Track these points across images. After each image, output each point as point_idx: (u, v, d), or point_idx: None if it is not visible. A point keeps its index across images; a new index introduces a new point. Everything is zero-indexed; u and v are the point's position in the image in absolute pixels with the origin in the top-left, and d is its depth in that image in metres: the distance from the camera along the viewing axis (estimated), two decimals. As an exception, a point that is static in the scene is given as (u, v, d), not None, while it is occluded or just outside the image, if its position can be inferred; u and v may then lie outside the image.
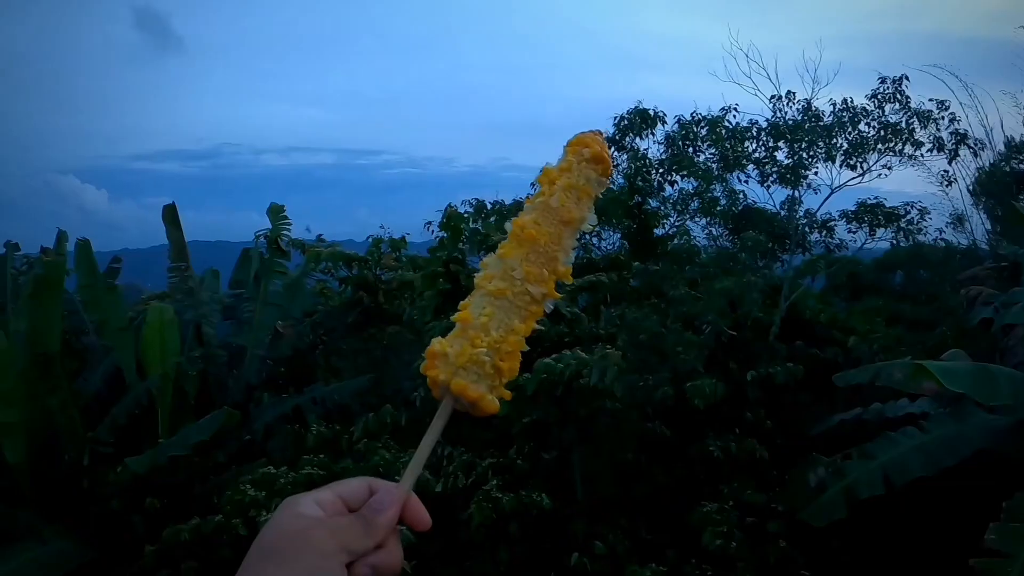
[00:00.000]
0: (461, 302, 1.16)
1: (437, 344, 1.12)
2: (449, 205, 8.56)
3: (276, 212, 11.01)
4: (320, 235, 11.16)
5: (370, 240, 10.35)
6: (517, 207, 13.31)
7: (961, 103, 13.28)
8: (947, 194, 13.78)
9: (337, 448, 8.26)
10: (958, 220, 15.75)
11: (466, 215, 9.42)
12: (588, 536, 7.50)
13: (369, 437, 8.11)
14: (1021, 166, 17.14)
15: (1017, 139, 17.28)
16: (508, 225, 1.16)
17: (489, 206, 10.52)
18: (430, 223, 8.53)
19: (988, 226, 16.95)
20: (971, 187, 16.70)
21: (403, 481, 1.07)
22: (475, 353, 1.10)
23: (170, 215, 11.64)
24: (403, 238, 10.36)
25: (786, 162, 11.33)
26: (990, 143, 16.15)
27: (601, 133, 1.24)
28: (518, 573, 7.42)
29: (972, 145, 13.18)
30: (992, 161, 16.60)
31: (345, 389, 9.29)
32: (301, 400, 9.39)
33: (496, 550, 7.43)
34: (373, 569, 1.00)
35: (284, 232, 10.83)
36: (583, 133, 1.21)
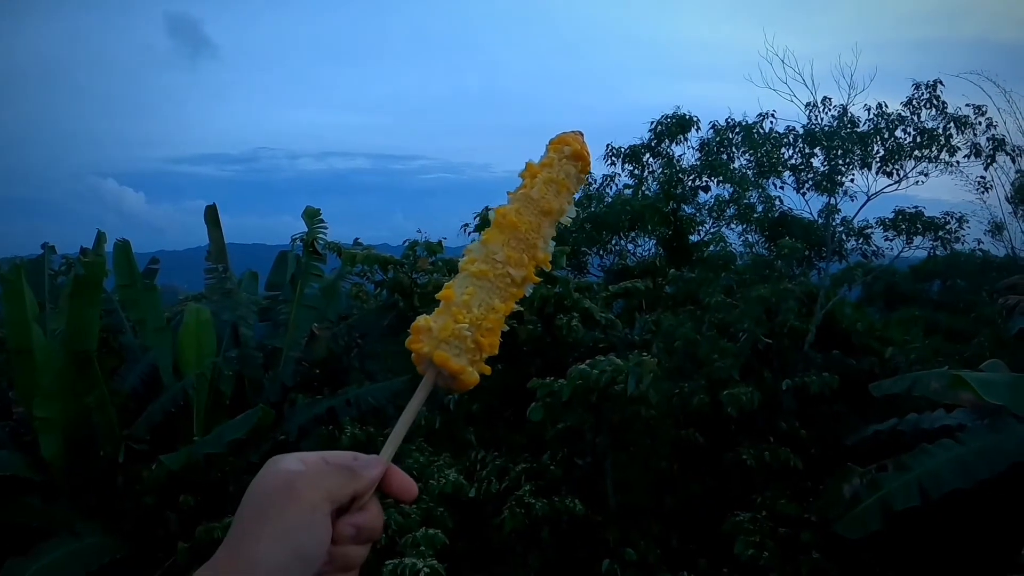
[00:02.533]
0: (445, 283, 1.22)
1: (422, 320, 1.18)
2: (485, 208, 8.55)
3: (312, 216, 11.09)
4: (357, 239, 11.25)
5: (405, 244, 10.39)
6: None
7: (999, 109, 13.07)
8: (984, 201, 13.55)
9: (371, 450, 8.25)
10: (996, 228, 15.52)
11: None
12: (619, 543, 7.49)
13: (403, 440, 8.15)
14: (1057, 171, 16.86)
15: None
16: (491, 214, 1.23)
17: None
18: (466, 225, 8.57)
19: (1027, 233, 16.69)
20: (1009, 195, 16.47)
21: (384, 451, 1.10)
22: (457, 328, 1.15)
23: (211, 216, 11.79)
24: (439, 242, 10.37)
25: (822, 169, 11.24)
26: (1029, 148, 15.90)
27: (582, 133, 1.32)
28: (550, 578, 7.45)
29: (1010, 151, 12.98)
30: (1029, 166, 16.33)
31: (379, 391, 9.33)
32: (335, 402, 9.43)
33: (527, 555, 7.46)
34: (356, 529, 1.02)
35: (320, 235, 10.91)
36: (565, 133, 1.29)
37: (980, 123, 11.59)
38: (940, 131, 11.41)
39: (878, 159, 11.44)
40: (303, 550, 0.96)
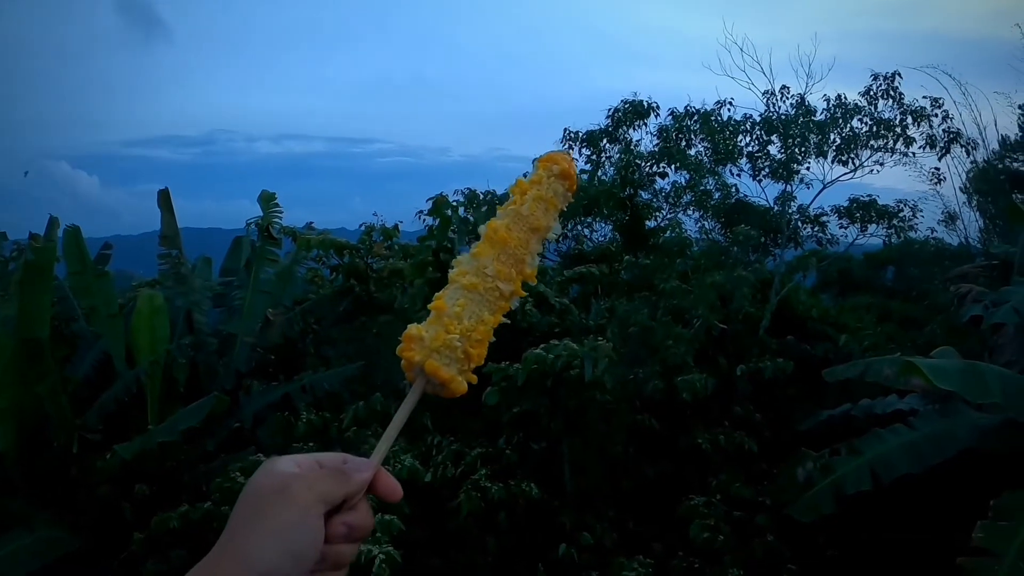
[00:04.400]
0: (436, 293, 1.25)
1: (414, 329, 1.21)
2: (440, 194, 8.51)
3: (267, 200, 10.94)
4: (311, 223, 11.10)
5: (362, 228, 10.31)
6: (508, 198, 13.27)
7: (955, 102, 13.34)
8: (938, 192, 13.83)
9: (327, 436, 8.25)
10: (950, 218, 15.85)
11: (456, 204, 9.36)
12: (576, 527, 7.51)
13: (359, 425, 8.09)
14: (1014, 165, 17.28)
15: (1012, 138, 17.43)
16: (482, 228, 1.27)
17: (481, 196, 10.47)
18: (421, 212, 8.51)
19: (980, 224, 17.08)
20: (964, 185, 16.83)
21: (374, 455, 1.14)
22: (448, 339, 1.19)
23: (164, 200, 11.57)
24: (395, 226, 10.29)
25: (779, 156, 11.36)
26: (983, 142, 16.28)
27: (569, 153, 1.36)
28: (506, 563, 7.44)
29: (965, 143, 13.23)
30: (985, 159, 16.71)
31: (335, 377, 9.27)
32: (291, 388, 9.34)
33: (485, 540, 7.45)
34: (348, 528, 1.06)
35: (275, 220, 10.77)
36: (554, 152, 1.34)
37: (936, 115, 11.80)
38: (896, 122, 11.58)
39: (834, 148, 11.59)
40: (297, 549, 1.00)
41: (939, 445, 7.14)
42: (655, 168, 11.62)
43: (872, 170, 11.87)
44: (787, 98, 11.60)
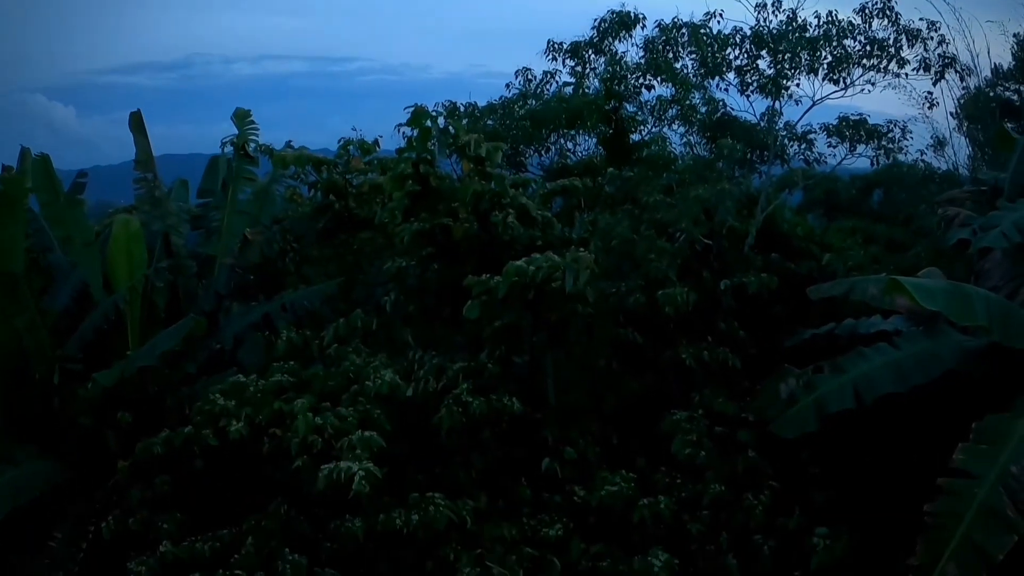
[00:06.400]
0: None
1: None
2: (417, 104, 8.28)
3: (242, 117, 10.64)
4: (289, 141, 10.85)
5: (341, 143, 10.07)
6: (490, 110, 13.13)
7: (949, 27, 13.02)
8: (928, 117, 13.61)
9: (308, 354, 8.20)
10: (939, 143, 15.71)
11: (436, 114, 9.12)
12: (559, 442, 7.53)
13: (339, 342, 8.03)
14: (1006, 93, 17.14)
15: (1004, 67, 17.24)
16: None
17: (462, 108, 10.20)
18: (400, 125, 8.28)
19: (969, 151, 17.00)
20: (954, 111, 16.67)
21: None
22: None
23: (136, 123, 11.26)
24: (375, 141, 10.05)
25: (768, 72, 11.09)
26: (976, 69, 16.05)
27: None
28: (490, 479, 7.46)
29: (960, 69, 12.98)
30: (977, 86, 16.53)
31: (315, 294, 9.15)
32: (270, 307, 9.23)
33: (470, 456, 7.46)
34: None
35: (252, 137, 10.50)
36: None
37: (932, 38, 11.52)
38: (891, 42, 11.31)
39: (825, 65, 11.31)
40: None
41: (923, 365, 7.13)
42: (641, 81, 11.35)
43: (863, 89, 11.62)
44: (779, 13, 11.28)
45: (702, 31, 11.21)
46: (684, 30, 11.42)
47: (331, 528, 6.67)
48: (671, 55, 11.48)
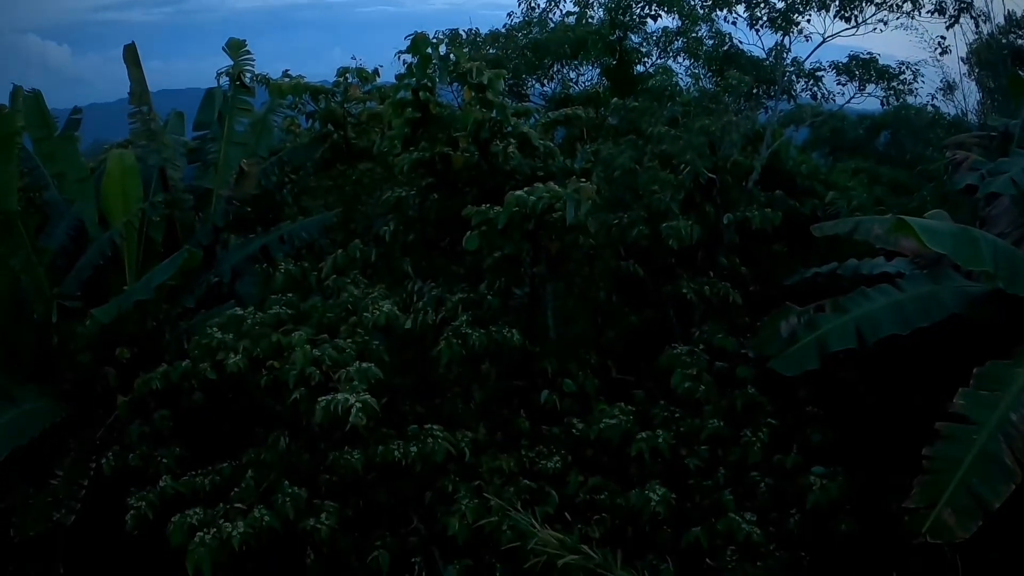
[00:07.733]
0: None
1: None
2: (417, 32, 8.08)
3: (236, 48, 10.42)
4: (286, 70, 10.65)
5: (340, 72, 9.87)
6: (493, 38, 12.87)
7: (966, -29, 12.64)
8: (939, 60, 13.33)
9: (306, 286, 8.14)
10: (949, 88, 15.44)
11: (437, 40, 8.92)
12: (558, 374, 7.49)
13: (338, 273, 7.96)
14: (1019, 40, 16.81)
15: (1018, 14, 16.86)
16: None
17: (464, 36, 9.96)
18: (400, 52, 8.08)
19: (978, 97, 16.74)
20: (966, 56, 16.35)
21: None
22: None
23: (131, 56, 11.05)
24: (375, 71, 9.84)
25: (778, 5, 10.81)
26: (990, 15, 15.70)
27: None
28: (489, 411, 7.46)
29: (976, 14, 12.66)
30: (990, 32, 16.19)
31: (313, 226, 9.07)
32: (268, 239, 9.17)
33: (470, 389, 7.44)
34: None
35: (247, 68, 10.29)
36: None
37: None
38: (907, -19, 10.99)
39: (837, 1, 11.02)
40: None
41: (926, 308, 7.02)
42: (646, 11, 11.08)
43: (875, 28, 11.33)
44: (792, -57, 10.94)
45: (710, -40, 10.91)
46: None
47: (330, 460, 6.66)
48: (678, -16, 11.19)
